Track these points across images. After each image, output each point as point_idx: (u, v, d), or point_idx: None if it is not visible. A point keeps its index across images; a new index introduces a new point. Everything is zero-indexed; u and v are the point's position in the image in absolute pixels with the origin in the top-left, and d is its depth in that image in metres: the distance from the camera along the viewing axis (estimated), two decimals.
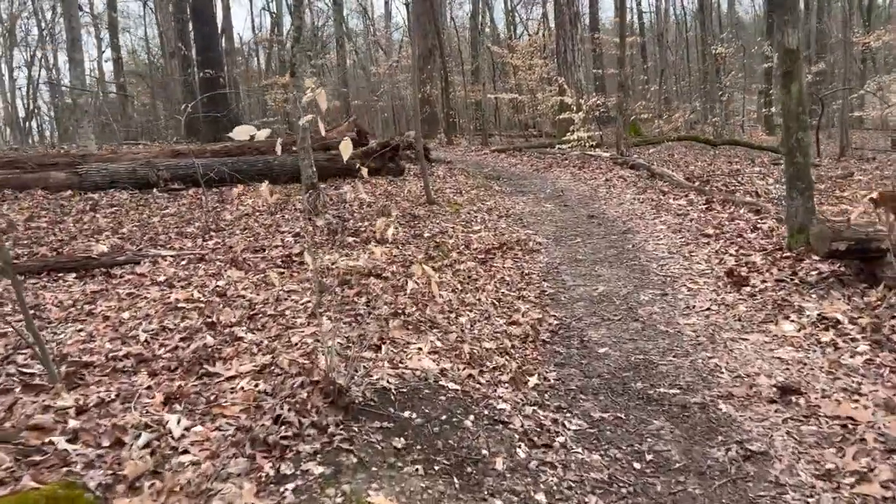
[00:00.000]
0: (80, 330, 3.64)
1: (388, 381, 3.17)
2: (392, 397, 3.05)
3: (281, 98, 26.21)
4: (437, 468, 2.64)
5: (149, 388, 2.95)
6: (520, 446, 2.95)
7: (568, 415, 3.41)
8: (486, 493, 2.58)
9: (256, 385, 3.01)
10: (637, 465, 2.97)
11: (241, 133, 2.56)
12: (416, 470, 2.59)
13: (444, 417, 2.99)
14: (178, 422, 2.60)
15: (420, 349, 3.66)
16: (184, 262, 5.18)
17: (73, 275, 4.80)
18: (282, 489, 2.32)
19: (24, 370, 3.12)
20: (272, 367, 3.21)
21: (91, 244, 5.70)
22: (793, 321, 4.48)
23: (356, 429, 2.73)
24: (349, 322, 3.97)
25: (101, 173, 9.55)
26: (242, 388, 2.98)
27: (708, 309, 4.93)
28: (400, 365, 3.43)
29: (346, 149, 2.76)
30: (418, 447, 2.74)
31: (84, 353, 3.29)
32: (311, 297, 4.35)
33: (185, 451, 2.43)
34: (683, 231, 7.28)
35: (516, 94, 26.21)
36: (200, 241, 6.11)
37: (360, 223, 7.32)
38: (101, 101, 30.59)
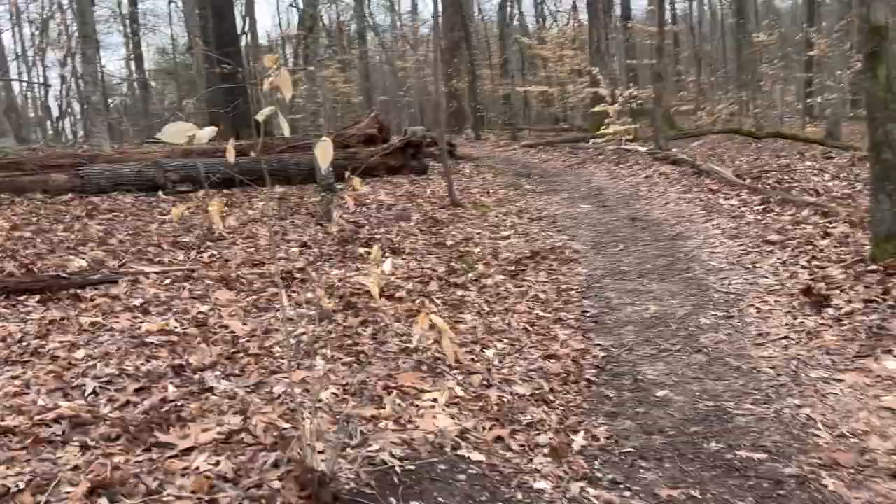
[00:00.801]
0: (17, 377, 2.96)
1: (390, 454, 2.42)
2: (395, 479, 2.30)
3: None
4: None
5: (75, 468, 2.25)
6: None
7: (626, 493, 2.62)
8: None
9: (217, 463, 2.29)
10: None
11: (172, 134, 1.83)
12: None
13: None
14: None
15: (435, 401, 2.91)
16: (168, 281, 4.49)
17: (38, 297, 4.15)
18: None
19: None
20: (241, 434, 2.48)
21: (70, 258, 5.05)
22: None
23: None
24: (349, 363, 3.23)
25: (105, 175, 8.96)
26: (198, 468, 2.26)
27: (785, 337, 4.10)
28: (409, 425, 2.68)
29: (324, 155, 2.01)
30: None
31: (9, 413, 2.61)
32: (306, 326, 3.63)
33: None
34: (741, 237, 6.42)
35: (546, 87, 25.30)
36: (195, 253, 5.43)
37: (376, 229, 6.60)
38: (129, 98, 30.37)
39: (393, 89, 34.88)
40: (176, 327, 3.64)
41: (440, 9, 25.06)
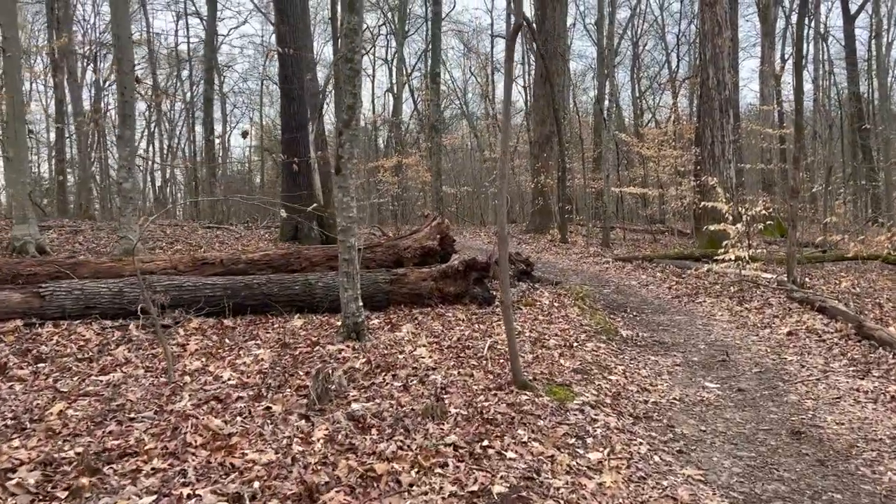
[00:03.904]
0: None
1: None
2: None
3: (391, 180, 24.22)
4: None
5: None
6: None
7: None
8: None
9: None
10: None
11: None
12: None
13: None
14: None
15: None
16: None
17: None
18: None
19: None
20: None
21: None
22: None
23: None
24: None
25: (74, 295, 6.98)
26: None
27: None
28: None
29: None
30: None
31: None
32: None
33: None
34: None
35: (646, 189, 22.77)
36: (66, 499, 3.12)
37: (386, 441, 4.14)
38: (219, 176, 29.80)
39: (480, 179, 33.23)
40: None
41: (530, 97, 23.21)
